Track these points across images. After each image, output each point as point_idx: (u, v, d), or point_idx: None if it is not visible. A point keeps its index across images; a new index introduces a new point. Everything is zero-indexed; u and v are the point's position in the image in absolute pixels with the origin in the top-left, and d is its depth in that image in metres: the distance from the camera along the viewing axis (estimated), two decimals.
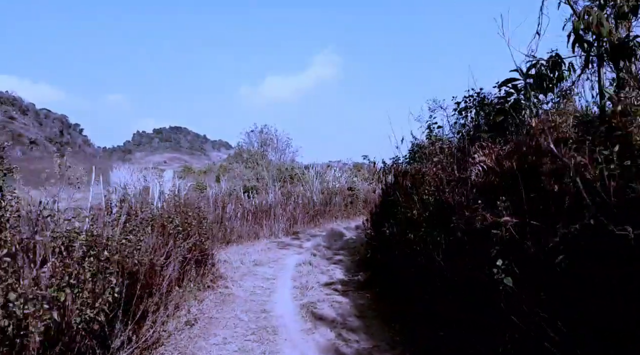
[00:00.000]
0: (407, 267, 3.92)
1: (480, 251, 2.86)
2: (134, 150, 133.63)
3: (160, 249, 4.61)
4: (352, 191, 16.91)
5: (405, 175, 5.06)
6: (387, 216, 5.41)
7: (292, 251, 8.61)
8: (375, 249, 5.24)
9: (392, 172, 6.83)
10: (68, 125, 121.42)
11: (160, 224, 4.85)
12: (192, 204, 6.53)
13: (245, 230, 11.17)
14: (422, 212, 3.98)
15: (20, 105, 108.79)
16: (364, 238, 9.73)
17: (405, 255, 4.10)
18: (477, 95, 4.05)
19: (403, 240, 4.21)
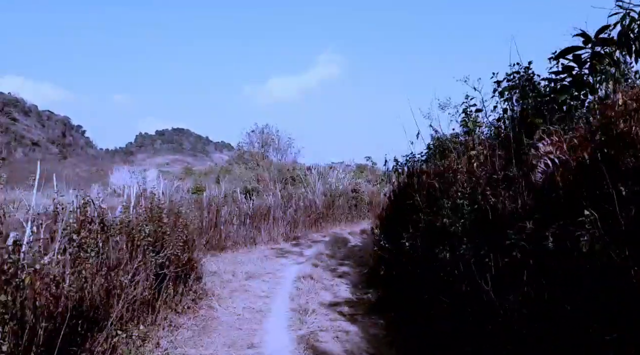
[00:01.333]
0: (437, 294, 3.01)
1: (557, 282, 1.94)
2: (136, 152, 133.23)
3: (125, 265, 3.71)
4: (357, 193, 15.99)
5: (427, 173, 4.15)
6: (402, 223, 4.50)
7: (291, 260, 7.71)
8: (388, 263, 4.34)
9: (406, 172, 5.93)
10: (70, 126, 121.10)
11: (127, 234, 3.96)
12: (176, 208, 5.65)
13: (241, 235, 10.29)
14: (454, 221, 3.06)
15: (23, 107, 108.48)
16: (371, 245, 8.83)
17: (433, 277, 3.19)
18: (525, 72, 3.16)
19: (430, 258, 3.29)
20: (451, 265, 2.86)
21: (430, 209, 3.92)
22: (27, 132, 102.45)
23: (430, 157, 5.02)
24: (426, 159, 5.29)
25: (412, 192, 5.03)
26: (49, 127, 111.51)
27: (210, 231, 9.68)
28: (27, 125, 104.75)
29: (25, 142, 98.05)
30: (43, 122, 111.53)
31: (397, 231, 4.62)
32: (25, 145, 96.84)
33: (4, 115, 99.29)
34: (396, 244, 4.22)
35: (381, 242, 4.29)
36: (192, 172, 45.25)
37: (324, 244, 9.62)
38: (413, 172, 5.50)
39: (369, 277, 5.79)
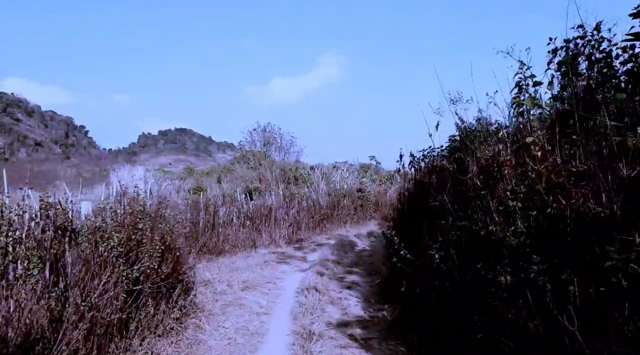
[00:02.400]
0: (480, 323, 2.28)
1: None
2: (139, 152, 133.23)
3: (86, 283, 3.01)
4: (362, 193, 15.24)
5: (463, 166, 3.42)
6: (424, 229, 3.77)
7: (293, 266, 6.99)
8: (410, 276, 3.61)
9: (423, 167, 5.21)
10: (74, 127, 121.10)
11: (94, 243, 3.25)
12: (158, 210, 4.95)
13: (241, 237, 9.59)
14: (505, 229, 2.33)
15: (26, 107, 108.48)
16: (380, 249, 8.11)
17: (475, 301, 2.46)
18: (593, 36, 2.43)
19: (470, 276, 2.57)
20: (508, 290, 2.13)
21: (462, 212, 3.19)
22: (30, 132, 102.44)
23: (455, 150, 4.28)
24: (449, 152, 4.56)
25: (433, 192, 4.31)
26: (52, 128, 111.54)
27: (207, 234, 9.00)
28: (31, 126, 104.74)
29: (28, 143, 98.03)
30: (46, 122, 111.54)
31: (418, 238, 3.89)
32: (29, 146, 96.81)
33: (7, 116, 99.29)
34: (420, 254, 3.49)
35: (401, 252, 3.55)
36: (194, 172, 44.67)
37: (329, 247, 8.90)
38: (434, 168, 4.78)
39: (382, 289, 5.07)
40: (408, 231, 4.72)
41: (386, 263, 5.76)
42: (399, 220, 7.20)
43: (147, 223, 3.59)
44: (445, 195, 3.48)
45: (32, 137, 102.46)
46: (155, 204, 5.63)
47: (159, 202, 5.72)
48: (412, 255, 3.56)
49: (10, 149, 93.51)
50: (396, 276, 4.60)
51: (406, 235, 4.42)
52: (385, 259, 6.31)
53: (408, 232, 4.62)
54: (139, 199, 4.54)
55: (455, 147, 4.20)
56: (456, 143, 4.27)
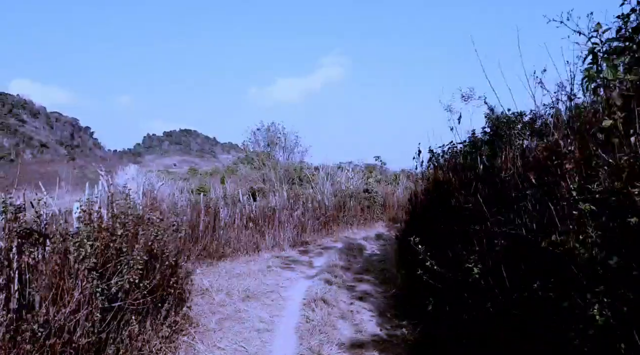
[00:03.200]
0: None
1: None
2: (144, 153, 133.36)
3: (50, 301, 2.49)
4: (369, 194, 14.69)
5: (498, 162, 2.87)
6: (452, 236, 3.23)
7: (299, 273, 6.46)
8: (437, 291, 3.06)
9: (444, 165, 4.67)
10: (79, 128, 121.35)
11: (63, 254, 2.74)
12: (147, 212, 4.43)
13: (243, 240, 9.08)
14: (584, 240, 1.79)
15: (31, 109, 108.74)
16: (391, 253, 7.56)
17: (541, 336, 1.92)
18: None
19: (536, 301, 2.02)
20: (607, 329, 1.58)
21: (503, 215, 2.65)
22: (35, 133, 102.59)
23: (485, 144, 3.74)
24: (475, 147, 4.02)
25: (458, 191, 3.77)
26: (57, 129, 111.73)
27: (207, 237, 8.49)
28: (36, 127, 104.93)
29: (33, 144, 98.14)
30: (51, 123, 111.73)
31: (444, 245, 3.35)
32: (34, 147, 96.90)
33: (13, 117, 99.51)
34: (450, 266, 2.95)
35: (427, 263, 3.01)
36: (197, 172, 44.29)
37: (336, 251, 8.37)
38: (457, 165, 4.23)
39: (398, 301, 4.53)
40: (428, 237, 4.18)
41: (401, 270, 5.22)
42: (413, 223, 6.67)
43: (129, 228, 3.06)
44: (478, 195, 2.93)
45: (38, 139, 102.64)
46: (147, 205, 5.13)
47: (151, 204, 5.22)
48: (440, 265, 3.01)
49: (16, 150, 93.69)
50: (415, 287, 4.06)
51: (427, 242, 3.87)
52: (398, 266, 5.77)
53: (429, 238, 4.08)
54: (127, 200, 4.02)
55: (487, 140, 3.65)
56: (487, 136, 3.72)
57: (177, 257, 4.28)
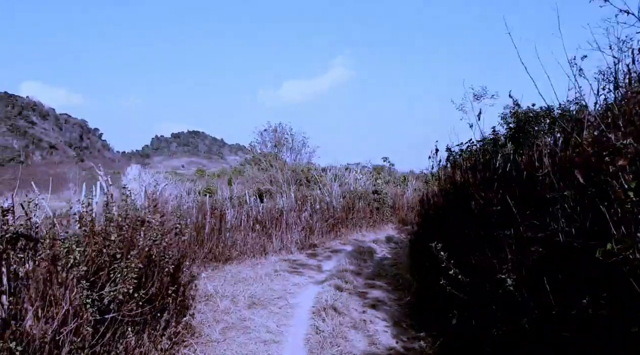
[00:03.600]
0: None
1: None
2: (153, 155, 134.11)
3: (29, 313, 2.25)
4: (378, 195, 14.39)
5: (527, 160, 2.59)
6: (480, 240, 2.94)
7: (307, 278, 6.18)
8: (460, 304, 2.77)
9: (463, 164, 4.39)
10: (88, 130, 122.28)
11: (52, 260, 2.49)
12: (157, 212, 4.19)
13: (250, 243, 8.83)
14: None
15: (41, 110, 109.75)
16: (403, 257, 7.27)
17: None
18: None
19: (589, 322, 1.74)
20: None
21: (537, 219, 2.36)
22: (44, 135, 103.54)
23: (508, 141, 3.45)
24: (498, 145, 3.72)
25: (479, 194, 3.49)
26: (66, 130, 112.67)
27: (213, 239, 8.26)
28: (45, 129, 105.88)
29: (42, 145, 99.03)
30: (60, 125, 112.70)
31: (465, 251, 3.06)
32: (43, 149, 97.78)
33: (22, 119, 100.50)
34: (476, 275, 2.66)
35: (450, 272, 2.72)
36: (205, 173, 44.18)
37: (346, 255, 8.09)
38: (479, 164, 3.94)
39: (414, 310, 4.24)
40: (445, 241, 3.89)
41: (415, 276, 4.93)
42: (426, 226, 6.39)
43: (123, 232, 2.81)
44: (508, 197, 2.64)
45: (47, 140, 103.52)
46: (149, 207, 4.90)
47: (153, 206, 4.99)
48: (464, 275, 2.72)
49: (25, 152, 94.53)
50: (432, 296, 3.77)
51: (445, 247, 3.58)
52: (412, 271, 5.48)
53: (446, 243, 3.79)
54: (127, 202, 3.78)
55: (512, 137, 3.35)
56: (511, 132, 3.43)
57: (179, 262, 4.04)
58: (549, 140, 2.98)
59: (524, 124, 3.24)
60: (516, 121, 3.45)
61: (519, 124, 3.33)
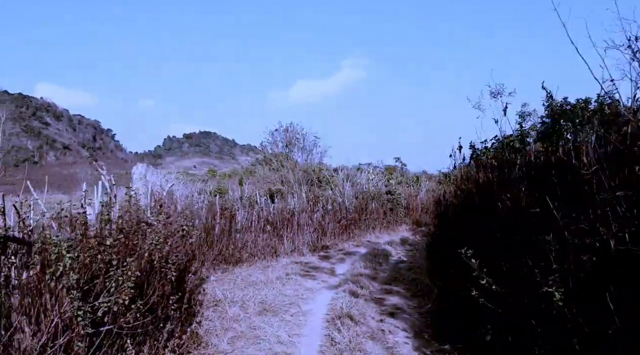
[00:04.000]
0: None
1: None
2: (165, 155, 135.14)
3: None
4: (392, 195, 14.06)
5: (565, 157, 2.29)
6: (520, 247, 2.64)
7: (320, 282, 5.91)
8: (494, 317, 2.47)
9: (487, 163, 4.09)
10: (101, 130, 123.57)
11: (41, 267, 2.26)
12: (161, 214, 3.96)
13: (260, 244, 8.61)
14: None
15: (55, 111, 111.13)
16: (419, 260, 6.95)
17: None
18: None
19: None
20: None
21: (582, 222, 2.06)
22: (58, 136, 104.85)
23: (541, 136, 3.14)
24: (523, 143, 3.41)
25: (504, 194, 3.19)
26: (79, 131, 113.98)
27: (222, 241, 8.04)
28: (59, 130, 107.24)
29: (56, 146, 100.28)
30: (74, 126, 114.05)
31: (493, 257, 2.76)
32: (57, 149, 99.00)
33: (37, 120, 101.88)
34: (512, 286, 2.36)
35: (483, 281, 2.42)
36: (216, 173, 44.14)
37: (360, 257, 7.80)
38: (506, 162, 3.63)
39: (436, 319, 3.94)
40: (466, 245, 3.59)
41: (436, 282, 4.63)
42: (444, 228, 6.09)
43: (119, 237, 2.56)
44: (547, 198, 2.34)
45: (61, 141, 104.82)
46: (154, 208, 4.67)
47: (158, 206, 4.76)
48: (497, 285, 2.42)
49: (40, 153, 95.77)
50: (456, 304, 3.47)
51: (486, 257, 3.28)
52: (431, 276, 5.18)
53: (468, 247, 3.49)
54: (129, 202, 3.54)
55: (547, 132, 3.04)
56: (544, 127, 3.11)
57: (186, 266, 3.80)
58: (590, 134, 2.67)
59: (558, 117, 2.93)
60: (550, 114, 3.14)
61: (554, 118, 3.03)
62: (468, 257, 2.54)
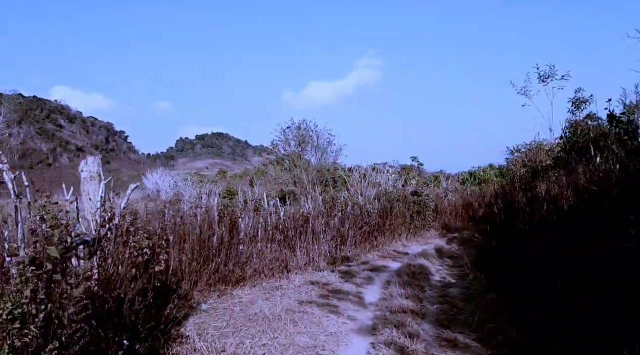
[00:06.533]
0: None
1: None
2: (177, 156, 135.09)
3: None
4: (419, 197, 12.34)
5: None
6: None
7: (346, 320, 4.28)
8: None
9: None
10: (114, 132, 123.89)
11: None
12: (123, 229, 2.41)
13: (268, 257, 7.04)
14: None
15: (68, 114, 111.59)
16: (472, 282, 5.28)
17: None
18: None
19: None
20: None
21: None
22: (72, 138, 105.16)
23: None
24: None
25: None
26: (92, 133, 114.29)
27: (221, 255, 6.44)
28: (72, 132, 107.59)
29: (70, 148, 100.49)
30: (87, 128, 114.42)
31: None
32: (70, 151, 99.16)
33: (51, 122, 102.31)
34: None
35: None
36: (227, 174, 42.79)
37: (392, 276, 6.15)
38: None
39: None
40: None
41: (513, 327, 2.98)
42: (509, 240, 4.46)
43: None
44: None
45: (74, 143, 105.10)
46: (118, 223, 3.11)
47: (108, 219, 3.18)
48: None
49: (53, 155, 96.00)
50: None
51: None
52: (499, 311, 3.53)
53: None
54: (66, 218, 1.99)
55: None
56: None
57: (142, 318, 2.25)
58: None
59: None
60: None
61: None
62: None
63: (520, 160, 7.36)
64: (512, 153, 30.49)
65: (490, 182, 19.61)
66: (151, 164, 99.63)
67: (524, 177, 6.71)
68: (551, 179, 5.08)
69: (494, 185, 18.60)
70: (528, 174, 6.49)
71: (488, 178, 21.13)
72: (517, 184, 5.98)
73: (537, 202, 4.80)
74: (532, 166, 5.96)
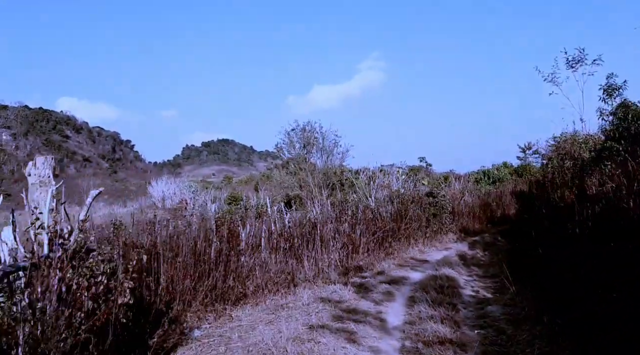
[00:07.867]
0: None
1: None
2: (184, 164, 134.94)
3: None
4: (435, 198, 11.46)
5: None
6: None
7: (367, 350, 3.46)
8: None
9: None
10: (120, 141, 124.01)
11: None
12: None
13: (272, 270, 6.24)
14: None
15: (75, 124, 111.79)
16: (519, 301, 4.42)
17: None
18: None
19: None
20: None
21: None
22: (78, 148, 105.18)
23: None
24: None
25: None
26: (99, 143, 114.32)
27: (219, 270, 5.63)
28: (79, 142, 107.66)
29: (77, 158, 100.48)
30: (94, 138, 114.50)
31: None
32: (77, 162, 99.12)
33: (57, 133, 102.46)
34: None
35: None
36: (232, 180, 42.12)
37: (415, 290, 5.30)
38: None
39: None
40: None
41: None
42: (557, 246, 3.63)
43: None
44: None
45: (81, 153, 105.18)
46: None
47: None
48: None
49: (60, 165, 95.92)
50: None
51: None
52: (558, 340, 2.68)
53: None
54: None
55: None
56: None
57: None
58: None
59: None
60: None
61: None
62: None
63: (557, 155, 6.50)
64: (524, 151, 29.16)
65: (506, 181, 18.83)
66: (158, 172, 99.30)
67: (561, 172, 5.83)
68: (604, 172, 4.22)
69: (512, 184, 17.72)
70: (567, 169, 5.63)
71: (503, 177, 20.32)
72: (557, 179, 5.11)
73: (591, 201, 3.93)
74: (575, 158, 5.10)
